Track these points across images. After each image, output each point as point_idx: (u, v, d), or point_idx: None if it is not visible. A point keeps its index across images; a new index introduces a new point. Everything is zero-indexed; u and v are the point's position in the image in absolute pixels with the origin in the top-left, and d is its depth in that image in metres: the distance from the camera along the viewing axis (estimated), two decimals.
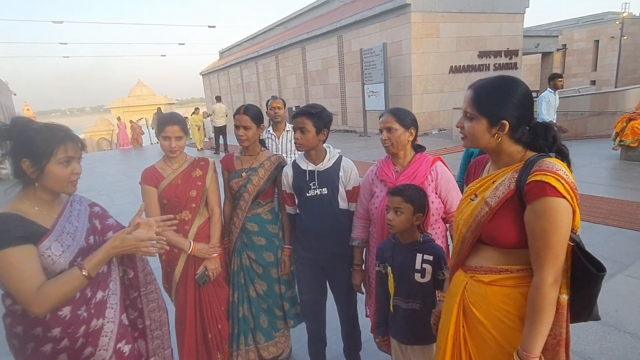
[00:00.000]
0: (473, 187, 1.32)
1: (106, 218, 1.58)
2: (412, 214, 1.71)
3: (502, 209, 1.19)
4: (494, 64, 14.25)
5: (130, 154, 16.10)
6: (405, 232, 1.76)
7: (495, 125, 1.20)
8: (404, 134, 1.90)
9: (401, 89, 13.26)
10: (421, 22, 12.58)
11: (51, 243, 1.31)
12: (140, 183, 2.19)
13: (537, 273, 1.13)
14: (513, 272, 1.22)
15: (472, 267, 1.32)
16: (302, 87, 19.09)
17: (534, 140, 1.22)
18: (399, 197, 1.71)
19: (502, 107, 1.19)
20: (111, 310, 1.46)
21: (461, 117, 1.29)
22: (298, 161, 2.20)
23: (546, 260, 1.10)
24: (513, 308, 1.21)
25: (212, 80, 32.87)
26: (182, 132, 2.15)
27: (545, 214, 1.09)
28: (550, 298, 1.11)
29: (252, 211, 2.33)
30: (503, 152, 1.24)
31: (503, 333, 1.23)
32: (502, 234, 1.20)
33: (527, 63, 24.21)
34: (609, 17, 28.50)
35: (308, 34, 17.59)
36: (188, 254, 2.19)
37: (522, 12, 14.46)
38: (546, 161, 1.14)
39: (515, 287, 1.21)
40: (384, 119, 1.92)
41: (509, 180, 1.20)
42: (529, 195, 1.12)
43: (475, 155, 2.09)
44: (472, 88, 1.26)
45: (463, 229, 1.31)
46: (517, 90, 1.20)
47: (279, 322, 2.44)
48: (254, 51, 24.17)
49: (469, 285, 1.32)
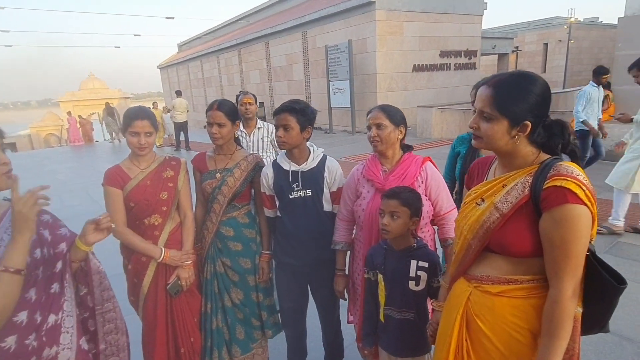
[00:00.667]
0: (479, 191, 1.23)
1: (58, 227, 1.38)
2: (408, 218, 1.61)
3: (515, 216, 1.11)
4: (455, 64, 14.67)
5: (82, 151, 15.12)
6: (400, 238, 1.66)
7: (516, 126, 1.11)
8: (394, 132, 1.80)
9: (366, 87, 13.32)
10: (385, 20, 12.68)
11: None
12: (103, 184, 1.96)
13: (555, 285, 1.06)
14: (523, 282, 1.14)
15: (477, 276, 1.23)
16: (265, 83, 18.74)
17: (549, 139, 1.14)
18: (395, 200, 1.61)
19: (525, 106, 1.10)
20: (67, 335, 1.27)
21: (475, 116, 1.19)
22: (279, 161, 2.04)
23: (565, 272, 1.03)
24: (523, 321, 1.13)
25: (170, 74, 31.59)
26: (152, 128, 1.96)
27: (566, 222, 1.02)
28: (570, 312, 1.04)
29: (227, 214, 2.16)
30: (518, 154, 1.16)
31: (511, 347, 1.15)
32: (515, 243, 1.11)
33: (483, 64, 25.25)
34: (557, 21, 30.30)
35: (272, 28, 17.27)
36: (158, 262, 1.99)
37: (480, 14, 14.97)
38: (564, 165, 1.07)
39: (525, 299, 1.13)
40: (373, 114, 1.81)
41: (522, 184, 1.12)
42: (547, 201, 1.04)
43: (462, 155, 2.03)
44: (489, 85, 1.15)
45: (468, 236, 1.21)
46: (539, 87, 1.11)
47: (256, 332, 2.28)
48: (215, 45, 23.46)
49: (473, 296, 1.23)
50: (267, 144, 3.28)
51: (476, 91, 1.92)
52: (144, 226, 2.00)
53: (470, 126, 1.21)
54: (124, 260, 2.08)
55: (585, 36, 29.13)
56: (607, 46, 29.95)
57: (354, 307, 2.11)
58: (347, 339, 2.38)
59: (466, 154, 2.01)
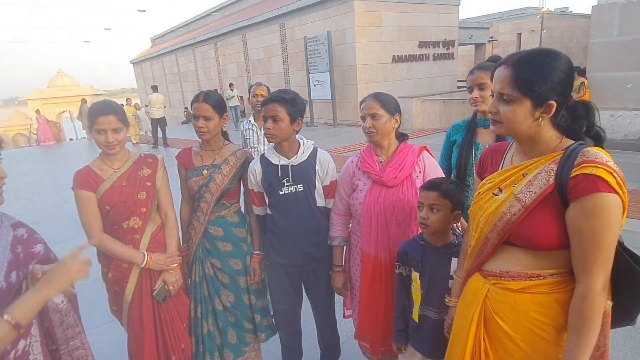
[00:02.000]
0: (495, 180, 1.15)
1: (32, 244, 1.23)
2: (449, 212, 1.51)
3: (539, 207, 1.04)
4: (433, 54, 14.73)
5: (52, 151, 14.50)
6: (440, 233, 1.55)
7: (540, 106, 1.03)
8: (389, 121, 1.72)
9: (346, 78, 13.22)
10: (364, 11, 12.58)
11: None
12: (73, 188, 1.80)
13: (583, 279, 0.99)
14: (546, 277, 1.07)
15: (495, 272, 1.16)
16: (244, 76, 18.40)
17: (573, 121, 1.06)
18: (435, 192, 1.50)
19: (550, 84, 1.01)
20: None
21: (493, 100, 1.10)
22: (267, 155, 1.93)
23: (595, 265, 0.97)
24: (547, 317, 1.07)
25: (144, 69, 30.64)
26: (120, 123, 1.79)
27: (597, 212, 0.95)
28: (600, 307, 0.98)
29: (216, 213, 2.04)
30: (540, 139, 1.08)
31: (535, 346, 1.09)
32: (539, 235, 1.04)
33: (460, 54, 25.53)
34: (530, 11, 30.88)
35: (248, 20, 16.91)
36: (141, 267, 1.86)
37: (457, 4, 15.05)
38: (591, 150, 1.00)
39: (549, 294, 1.07)
40: (368, 104, 1.72)
41: (546, 172, 1.04)
42: (576, 190, 0.97)
43: (458, 143, 1.97)
44: (508, 64, 1.06)
45: (486, 228, 1.14)
46: (563, 63, 1.03)
47: (248, 335, 2.19)
48: (190, 38, 22.85)
49: (491, 294, 1.16)
50: None
51: (472, 75, 1.89)
52: (123, 230, 1.86)
53: (489, 110, 1.12)
54: (103, 269, 1.93)
55: (556, 26, 29.79)
56: (577, 35, 30.77)
57: (352, 302, 2.04)
58: (342, 336, 2.31)
59: (462, 142, 1.95)
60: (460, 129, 2.03)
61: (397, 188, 1.72)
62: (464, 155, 1.93)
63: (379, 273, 1.76)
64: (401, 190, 1.71)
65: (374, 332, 1.84)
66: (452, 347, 1.30)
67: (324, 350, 2.25)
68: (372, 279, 1.78)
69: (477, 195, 1.22)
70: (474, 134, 1.95)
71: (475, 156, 1.89)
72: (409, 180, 1.72)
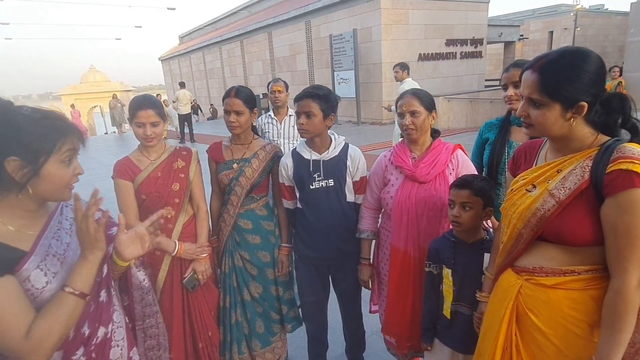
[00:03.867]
0: (529, 177, 1.15)
1: (109, 227, 1.24)
2: (481, 209, 1.52)
3: (573, 203, 1.04)
4: (461, 52, 14.46)
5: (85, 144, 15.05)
6: (471, 230, 1.57)
7: (570, 108, 1.02)
8: (427, 118, 1.72)
9: (371, 76, 13.14)
10: (390, 9, 12.46)
11: (30, 272, 0.98)
12: (112, 177, 1.91)
13: (617, 275, 0.99)
14: (581, 273, 1.07)
15: (528, 268, 1.16)
16: (269, 74, 18.55)
17: (607, 116, 1.05)
18: (467, 190, 1.51)
19: (578, 87, 1.01)
20: (117, 350, 1.19)
21: (523, 104, 1.10)
22: (299, 150, 1.96)
23: (630, 261, 0.97)
24: (581, 314, 1.07)
25: (172, 66, 31.36)
26: (158, 117, 1.88)
27: (632, 208, 0.95)
28: (635, 303, 0.98)
29: (245, 207, 2.09)
30: (574, 136, 1.07)
31: (568, 342, 1.08)
32: (574, 231, 1.04)
33: (488, 52, 25.00)
34: (562, 9, 29.83)
35: (274, 18, 17.04)
36: (173, 256, 1.93)
37: (486, 2, 14.70)
38: (628, 146, 0.99)
39: (583, 290, 1.07)
40: (407, 101, 1.72)
41: (580, 169, 1.04)
42: (612, 186, 0.97)
43: (491, 141, 1.94)
44: (534, 69, 1.05)
45: (518, 224, 1.14)
46: (592, 63, 1.02)
47: (275, 326, 2.23)
48: (217, 36, 23.22)
49: (524, 289, 1.16)
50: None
51: (508, 73, 1.86)
52: None
53: (519, 115, 1.12)
54: None
55: (590, 24, 28.71)
56: (612, 34, 29.54)
57: (379, 297, 2.05)
58: (367, 330, 2.33)
59: (495, 140, 1.93)
60: (493, 127, 2.00)
61: (430, 184, 1.72)
62: (496, 153, 1.91)
63: (408, 268, 1.77)
64: (433, 186, 1.71)
65: (400, 326, 1.84)
66: (483, 342, 1.30)
67: (349, 344, 2.27)
68: (400, 274, 1.79)
69: (509, 192, 1.22)
70: (507, 132, 1.93)
71: (508, 154, 1.86)
72: (442, 177, 1.72)
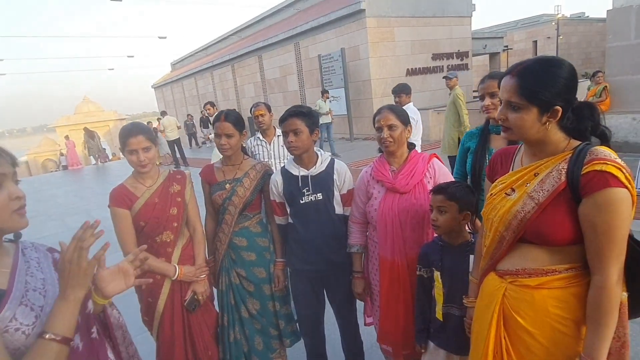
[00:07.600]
0: (507, 181, 1.22)
1: (52, 251, 1.22)
2: (457, 212, 1.60)
3: (552, 204, 1.10)
4: (447, 66, 14.76)
5: (81, 174, 15.09)
6: (454, 233, 1.65)
7: (546, 112, 1.10)
8: (404, 131, 1.82)
9: (361, 93, 13.38)
10: (376, 27, 12.79)
11: (14, 310, 0.94)
12: (109, 206, 1.90)
13: (599, 272, 1.04)
14: (562, 272, 1.12)
15: (511, 270, 1.21)
16: (260, 96, 18.81)
17: (579, 123, 1.12)
18: (441, 195, 1.61)
19: (554, 91, 1.08)
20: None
21: (502, 108, 1.17)
22: (288, 167, 2.05)
23: (610, 258, 1.02)
24: (565, 312, 1.11)
25: (165, 93, 31.71)
26: (149, 142, 1.90)
27: (609, 206, 1.01)
28: (617, 297, 1.03)
29: (240, 225, 2.15)
30: (549, 141, 1.14)
31: (555, 340, 1.13)
32: (554, 231, 1.09)
33: (474, 64, 25.52)
34: (544, 19, 30.64)
35: (264, 42, 17.40)
36: (173, 279, 1.97)
37: (469, 16, 15.11)
38: (599, 149, 1.06)
39: (565, 288, 1.12)
40: (384, 116, 1.82)
41: (557, 171, 1.10)
42: (588, 186, 1.03)
43: (472, 150, 2.03)
44: (513, 74, 1.13)
45: (500, 227, 1.19)
46: (565, 70, 1.10)
47: (274, 342, 2.26)
48: (208, 61, 23.60)
49: (509, 292, 1.20)
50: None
51: (483, 84, 1.96)
52: (157, 244, 1.96)
53: (498, 117, 1.19)
54: None
55: (573, 31, 29.44)
56: (595, 40, 30.25)
57: (372, 308, 2.09)
58: (366, 342, 2.35)
59: (476, 148, 2.02)
60: (473, 136, 2.09)
61: (410, 194, 1.80)
62: (478, 161, 2.00)
63: (397, 276, 1.83)
64: (414, 195, 1.79)
65: (395, 334, 1.88)
66: (475, 348, 1.33)
67: (348, 356, 2.29)
68: (390, 282, 1.85)
69: (489, 197, 1.28)
70: (487, 140, 2.02)
71: (488, 161, 1.95)
72: (421, 186, 1.80)
